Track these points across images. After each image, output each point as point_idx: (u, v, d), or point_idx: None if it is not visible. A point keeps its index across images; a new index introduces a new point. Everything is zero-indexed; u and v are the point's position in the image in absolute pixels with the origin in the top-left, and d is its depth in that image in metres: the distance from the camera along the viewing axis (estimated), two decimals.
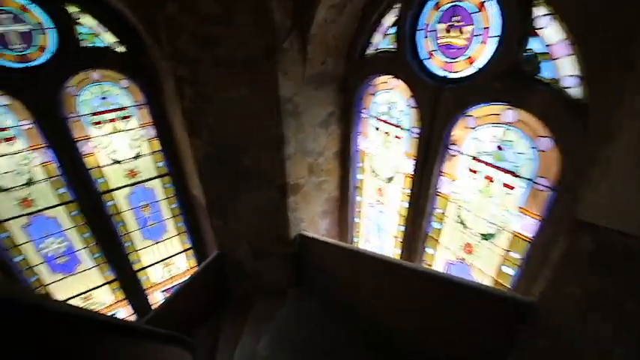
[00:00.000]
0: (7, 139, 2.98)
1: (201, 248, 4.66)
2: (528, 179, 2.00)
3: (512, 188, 2.11)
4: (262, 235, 3.72)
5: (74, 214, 3.53)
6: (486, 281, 2.48)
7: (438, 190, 2.64)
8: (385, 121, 2.99)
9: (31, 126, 3.01)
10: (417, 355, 2.55)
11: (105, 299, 4.18)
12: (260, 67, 2.69)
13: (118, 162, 3.62)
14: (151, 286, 4.50)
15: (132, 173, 3.76)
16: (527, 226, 2.09)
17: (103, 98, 3.35)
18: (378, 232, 3.58)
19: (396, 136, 2.91)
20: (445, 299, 2.23)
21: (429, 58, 2.38)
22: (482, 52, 2.00)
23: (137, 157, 3.72)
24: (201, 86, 2.82)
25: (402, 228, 3.08)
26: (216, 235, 3.87)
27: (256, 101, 2.88)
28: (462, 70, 2.16)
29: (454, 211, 2.59)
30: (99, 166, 3.51)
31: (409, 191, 2.85)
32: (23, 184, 3.17)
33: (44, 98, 2.98)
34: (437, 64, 2.34)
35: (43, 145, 3.11)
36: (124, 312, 4.40)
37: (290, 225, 3.56)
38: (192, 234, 4.50)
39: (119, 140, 3.55)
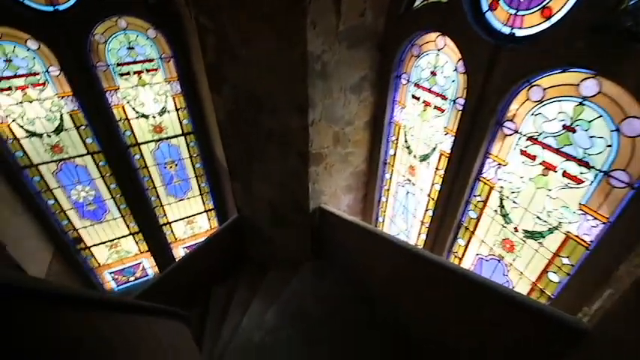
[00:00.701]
0: (38, 85, 2.99)
1: (223, 210, 4.66)
2: (601, 171, 1.57)
3: (576, 180, 1.69)
4: (281, 202, 3.56)
5: (102, 165, 3.59)
6: (523, 285, 2.13)
7: (482, 175, 2.25)
8: (426, 89, 2.58)
9: (59, 73, 2.99)
10: (437, 344, 2.32)
11: (131, 248, 4.36)
12: (287, 17, 2.37)
13: (145, 116, 3.57)
14: (175, 241, 4.62)
15: (157, 129, 3.71)
16: (588, 229, 1.69)
17: (130, 48, 3.23)
18: (404, 214, 3.27)
19: (437, 108, 2.50)
20: (469, 299, 1.93)
21: (491, 10, 1.91)
22: (566, 0, 1.53)
23: (163, 112, 3.64)
24: (224, 36, 2.58)
25: (431, 213, 2.74)
26: (236, 199, 3.79)
27: (282, 57, 2.59)
28: (534, 25, 1.69)
29: (496, 200, 2.21)
30: (126, 119, 3.48)
31: (444, 173, 2.48)
32: (53, 131, 3.23)
33: (72, 44, 2.91)
34: (500, 18, 1.87)
35: (71, 93, 3.10)
36: (148, 263, 4.59)
37: (310, 196, 3.35)
38: (214, 195, 4.48)
39: (145, 94, 3.47)
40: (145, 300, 3.86)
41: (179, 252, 4.71)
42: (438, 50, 2.39)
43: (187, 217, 4.51)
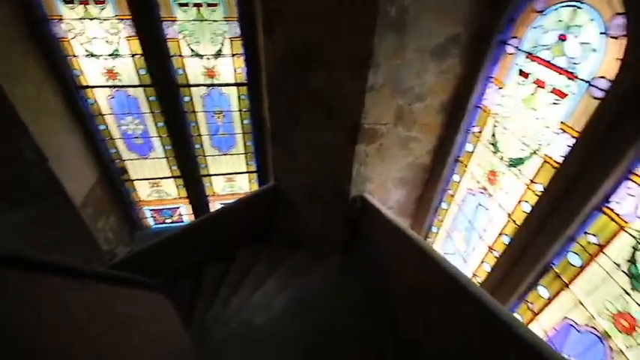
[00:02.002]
0: (99, 2, 2.88)
1: (266, 175, 4.35)
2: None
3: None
4: (319, 180, 3.05)
5: (152, 100, 3.48)
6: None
7: (606, 205, 1.42)
8: (544, 62, 1.73)
9: None
10: None
11: (171, 191, 4.34)
12: None
13: (199, 56, 3.31)
14: (213, 195, 4.49)
15: (210, 72, 3.44)
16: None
17: None
18: (468, 231, 2.50)
19: (556, 91, 1.65)
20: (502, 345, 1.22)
21: None
22: None
23: (218, 55, 3.34)
24: None
25: (507, 240, 1.96)
26: (275, 165, 3.40)
27: None
28: None
29: (628, 250, 1.37)
30: (180, 55, 3.26)
31: (542, 190, 1.67)
32: (109, 55, 3.15)
33: None
34: None
35: (130, 17, 2.94)
36: (185, 209, 4.56)
37: (353, 180, 2.77)
38: (258, 157, 4.16)
39: (202, 31, 3.18)
40: (174, 247, 3.79)
41: (216, 207, 4.59)
42: (577, 3, 1.52)
43: (228, 174, 4.31)
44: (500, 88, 2.13)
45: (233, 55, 3.36)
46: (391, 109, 2.38)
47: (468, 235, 2.47)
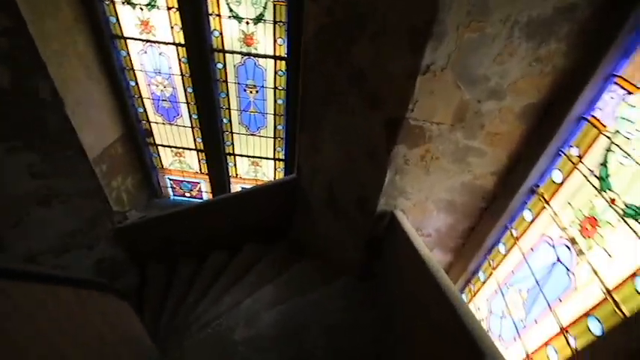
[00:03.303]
0: None
1: (293, 167, 3.88)
2: None
3: None
4: (342, 183, 2.50)
5: (183, 61, 3.18)
6: None
7: None
8: None
9: None
10: None
11: (193, 164, 4.09)
12: None
13: (238, 18, 2.92)
14: (236, 176, 4.15)
15: (248, 39, 3.04)
16: None
17: None
18: (531, 294, 1.76)
19: None
20: None
21: None
22: None
23: (258, 20, 2.92)
24: None
25: (596, 327, 1.24)
26: (299, 154, 2.92)
27: None
28: None
29: None
30: (218, 15, 2.90)
31: None
32: (146, 5, 2.89)
33: None
34: None
35: None
36: (205, 186, 4.29)
37: (383, 190, 2.16)
38: (288, 145, 3.71)
39: None
40: (185, 222, 3.50)
41: (236, 189, 4.25)
42: None
43: (253, 157, 3.92)
44: (629, 94, 1.38)
45: (275, 23, 2.91)
46: (451, 103, 1.73)
47: (531, 300, 1.73)
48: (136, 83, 3.39)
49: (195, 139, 3.79)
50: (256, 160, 3.98)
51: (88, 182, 3.26)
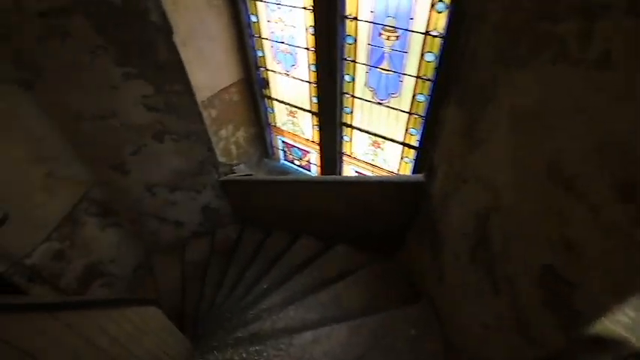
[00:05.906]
0: None
1: (425, 158, 2.63)
2: None
3: None
4: (523, 227, 1.20)
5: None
6: None
7: None
8: None
9: None
10: None
11: (305, 129, 3.39)
12: None
13: None
14: (349, 155, 3.24)
15: None
16: None
17: None
18: None
19: None
20: None
21: None
22: None
23: None
24: None
25: None
26: (438, 142, 1.72)
27: None
28: None
29: None
30: None
31: None
32: None
33: None
34: None
35: None
36: (315, 158, 3.57)
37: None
38: (426, 127, 2.46)
39: None
40: (289, 194, 2.93)
41: (346, 170, 3.36)
42: None
43: (375, 135, 2.86)
44: None
45: None
46: None
47: None
48: (257, 19, 2.80)
49: (310, 99, 3.03)
50: (378, 140, 2.91)
51: (194, 124, 3.01)
